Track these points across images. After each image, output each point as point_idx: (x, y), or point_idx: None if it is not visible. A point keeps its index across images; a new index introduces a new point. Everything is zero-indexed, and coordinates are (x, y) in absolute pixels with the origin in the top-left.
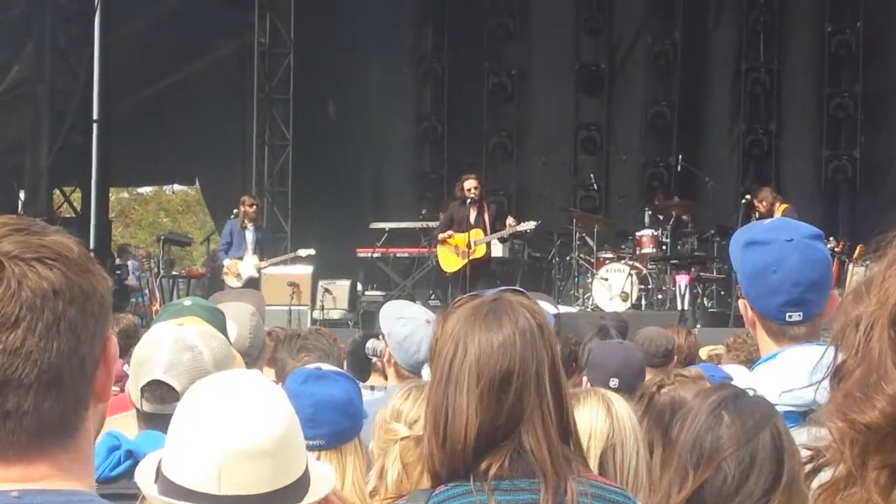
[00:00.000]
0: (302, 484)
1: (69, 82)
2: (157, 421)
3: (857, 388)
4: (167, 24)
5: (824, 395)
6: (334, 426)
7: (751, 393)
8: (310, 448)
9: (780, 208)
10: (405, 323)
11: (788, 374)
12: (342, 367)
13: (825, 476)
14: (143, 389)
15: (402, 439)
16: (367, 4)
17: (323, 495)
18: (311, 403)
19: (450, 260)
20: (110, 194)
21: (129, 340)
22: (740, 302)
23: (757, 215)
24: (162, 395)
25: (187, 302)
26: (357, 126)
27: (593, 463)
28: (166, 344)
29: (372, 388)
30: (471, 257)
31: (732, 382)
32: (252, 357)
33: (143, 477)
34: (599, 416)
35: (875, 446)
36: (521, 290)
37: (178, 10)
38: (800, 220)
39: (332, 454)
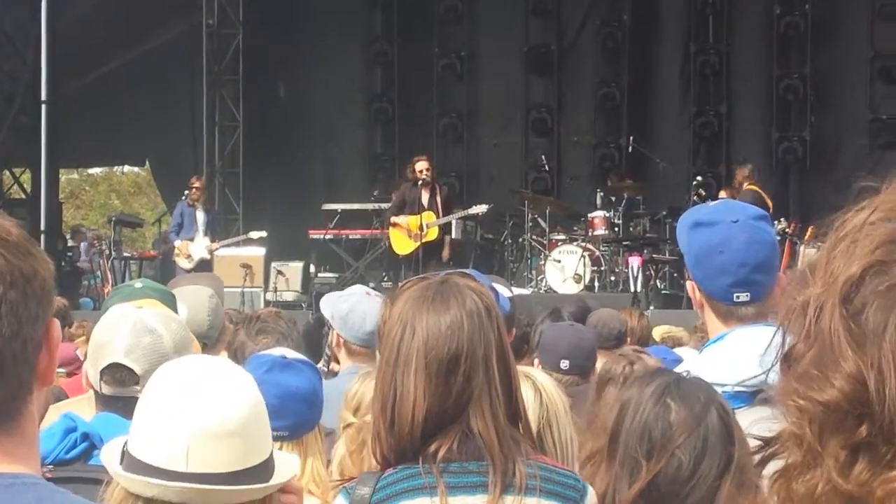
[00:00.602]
0: (268, 466)
1: (16, 65)
2: (115, 403)
3: (812, 368)
4: (115, 6)
5: (775, 377)
6: (298, 417)
7: (686, 375)
8: (274, 439)
9: (745, 188)
10: (346, 300)
11: (737, 354)
12: (301, 350)
13: (776, 465)
14: (102, 372)
15: (345, 426)
16: None
17: (288, 478)
18: (276, 395)
19: (402, 242)
20: (60, 175)
21: (61, 322)
22: (688, 283)
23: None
24: (122, 377)
25: (138, 284)
26: (307, 107)
27: None
28: (126, 327)
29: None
30: (423, 240)
31: (684, 364)
32: (212, 339)
33: (108, 456)
34: (528, 396)
35: (834, 426)
36: (468, 271)
37: None
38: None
39: (294, 444)
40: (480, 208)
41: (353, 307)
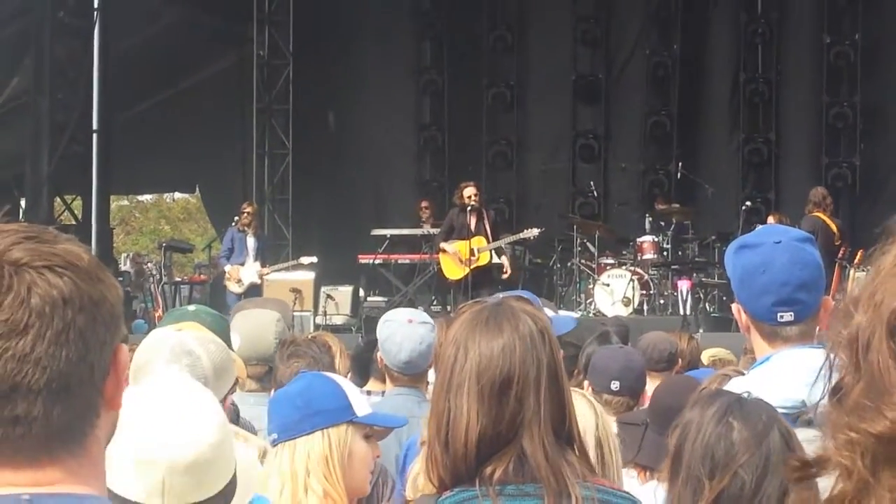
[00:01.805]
0: (232, 486)
1: (69, 94)
2: None
3: (863, 399)
4: (166, 38)
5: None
6: (283, 419)
7: (747, 396)
8: (273, 443)
9: (808, 214)
10: (388, 325)
11: (782, 376)
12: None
13: (824, 485)
14: None
15: (422, 443)
16: (366, 17)
17: (254, 491)
18: (270, 401)
19: (452, 268)
20: (111, 202)
21: None
22: (734, 306)
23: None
24: None
25: (191, 308)
26: (357, 136)
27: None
28: (164, 348)
29: (368, 392)
30: (473, 265)
31: (740, 385)
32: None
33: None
34: (583, 407)
35: (887, 457)
36: (523, 295)
37: (176, 23)
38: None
39: (286, 448)
40: (532, 232)
41: (391, 335)
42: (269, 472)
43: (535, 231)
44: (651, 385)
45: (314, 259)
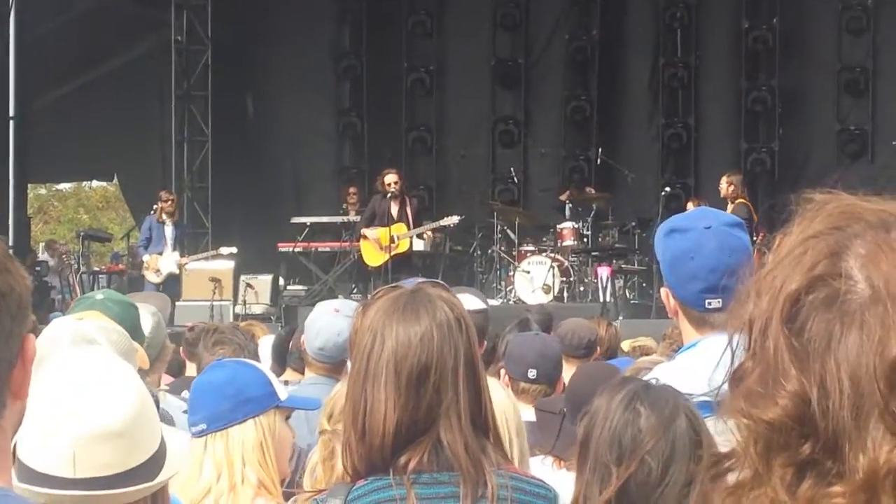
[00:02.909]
0: (155, 461)
1: None
2: None
3: (757, 386)
4: (83, 23)
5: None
6: (212, 408)
7: (655, 382)
8: (198, 434)
9: (734, 204)
10: (315, 311)
11: (707, 362)
12: (257, 361)
13: (731, 479)
14: None
15: (320, 433)
16: (285, 1)
17: (176, 471)
18: (192, 391)
19: (372, 254)
20: (28, 191)
21: None
22: (662, 290)
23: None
24: None
25: (99, 295)
26: (276, 122)
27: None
28: (65, 337)
29: (286, 382)
30: (393, 252)
31: (653, 373)
32: (151, 356)
33: None
34: (502, 397)
35: (779, 444)
36: (440, 282)
37: (93, 8)
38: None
39: (218, 437)
40: (452, 220)
41: (313, 320)
42: (194, 463)
43: (455, 219)
44: (569, 372)
45: (234, 250)
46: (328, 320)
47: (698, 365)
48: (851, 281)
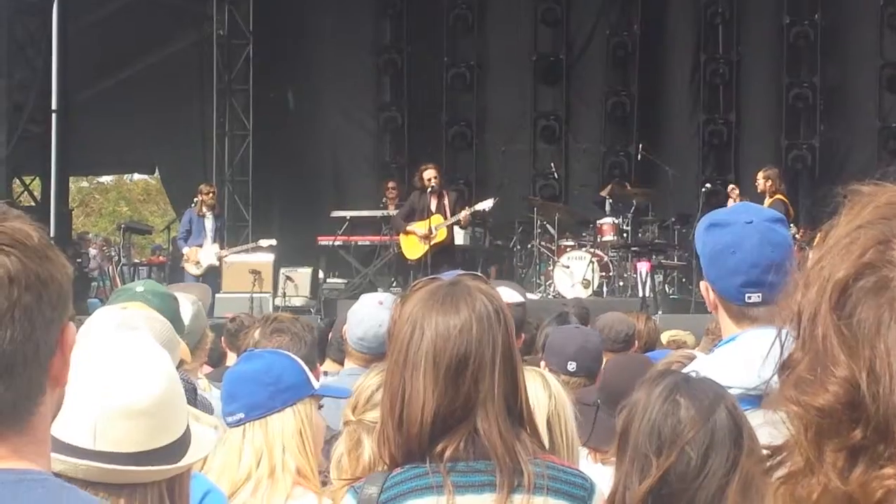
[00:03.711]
0: (179, 446)
1: (27, 74)
2: None
3: (807, 374)
4: (125, 16)
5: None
6: (250, 397)
7: (694, 375)
8: (235, 423)
9: (771, 199)
10: (360, 301)
11: (747, 356)
12: (313, 354)
13: (782, 471)
14: None
15: (345, 423)
16: None
17: (198, 458)
18: (229, 381)
19: (412, 247)
20: (70, 183)
21: None
22: (702, 284)
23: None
24: None
25: (139, 287)
26: (317, 116)
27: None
28: (109, 326)
29: (325, 373)
30: (432, 241)
31: (692, 365)
32: (190, 344)
33: None
34: (538, 388)
35: (830, 430)
36: (479, 274)
37: (135, 1)
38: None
39: (257, 426)
40: (486, 203)
41: (356, 310)
42: (232, 451)
43: (490, 202)
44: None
45: (273, 242)
46: (371, 311)
47: (737, 358)
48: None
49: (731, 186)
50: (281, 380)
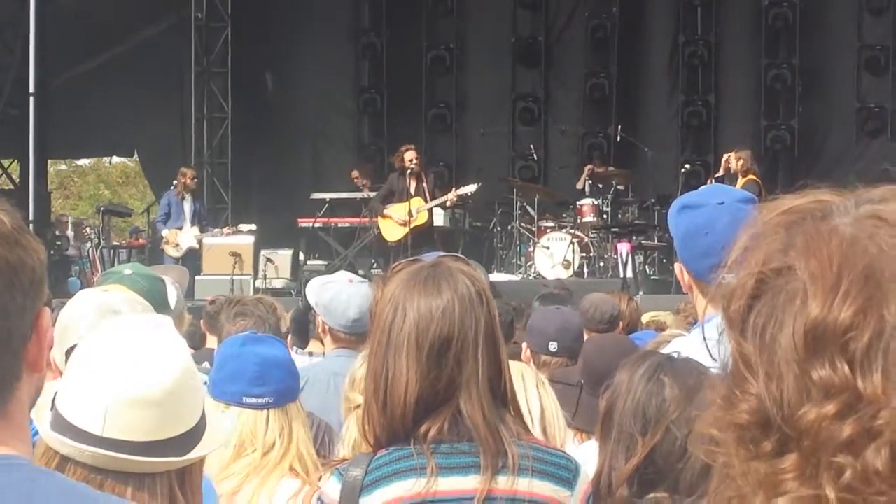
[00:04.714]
0: (189, 437)
1: (4, 57)
2: None
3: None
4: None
5: None
6: (281, 384)
7: (676, 355)
8: (260, 406)
9: (745, 179)
10: (329, 287)
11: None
12: (279, 336)
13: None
14: (67, 353)
15: (356, 407)
16: None
17: (211, 450)
18: (256, 362)
19: (392, 230)
20: (49, 166)
21: None
22: (676, 265)
23: (724, 171)
24: None
25: (127, 270)
26: (296, 98)
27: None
28: (90, 309)
29: (310, 353)
30: (412, 224)
31: (672, 346)
32: None
33: (40, 410)
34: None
35: (746, 443)
36: (461, 256)
37: None
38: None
39: (280, 413)
40: (470, 188)
41: (335, 295)
42: (256, 433)
43: (473, 187)
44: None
45: (253, 227)
46: (352, 291)
47: (717, 338)
48: (792, 272)
49: (710, 180)
50: (297, 372)
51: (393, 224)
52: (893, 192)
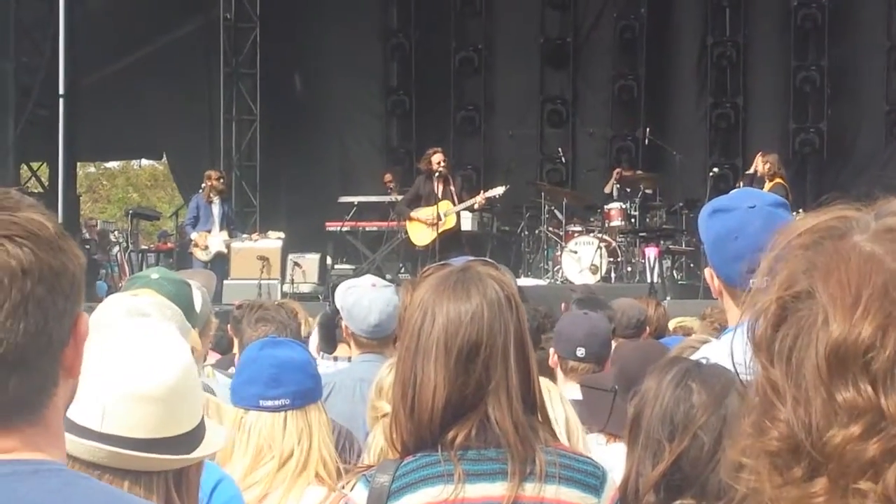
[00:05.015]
0: (189, 438)
1: (34, 59)
2: None
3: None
4: (132, 1)
5: None
6: (298, 385)
7: (704, 362)
8: (276, 408)
9: (772, 182)
10: (352, 292)
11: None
12: (299, 341)
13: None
14: None
15: (383, 416)
16: None
17: (209, 453)
18: (272, 364)
19: (420, 233)
20: (78, 169)
21: None
22: (706, 270)
23: (754, 172)
24: None
25: (154, 275)
26: (324, 100)
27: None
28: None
29: (335, 358)
30: (441, 229)
31: (700, 352)
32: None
33: None
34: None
35: (778, 468)
36: (490, 260)
37: None
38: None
39: (298, 414)
40: (497, 190)
41: (357, 299)
42: (274, 436)
43: (501, 189)
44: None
45: (281, 234)
46: (373, 296)
47: (743, 345)
48: (813, 295)
49: (740, 182)
50: (317, 372)
51: (421, 228)
52: None
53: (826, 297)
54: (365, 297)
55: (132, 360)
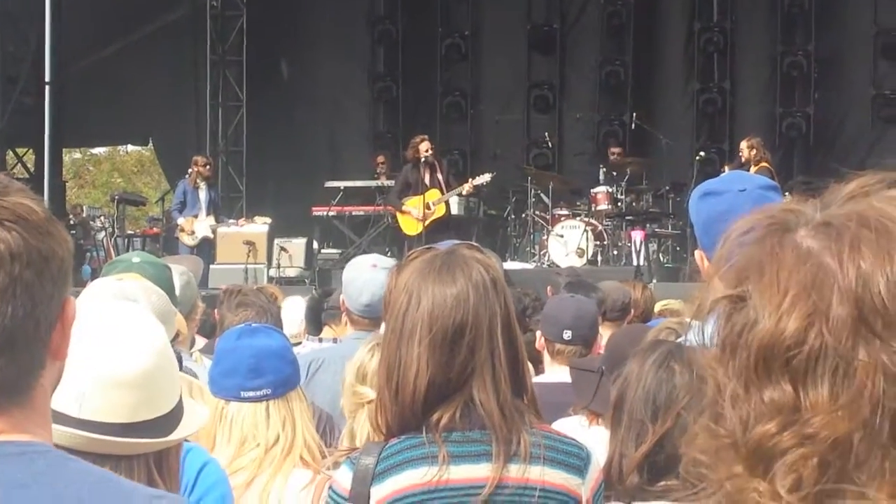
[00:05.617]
0: (168, 421)
1: (20, 46)
2: None
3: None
4: None
5: None
6: (277, 374)
7: (686, 343)
8: (258, 398)
9: (757, 166)
10: (352, 268)
11: None
12: (279, 325)
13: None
14: None
15: (368, 402)
16: None
17: (188, 434)
18: (250, 354)
19: (411, 224)
20: (64, 155)
21: None
22: (697, 253)
23: (740, 159)
24: None
25: (135, 259)
26: (311, 86)
27: None
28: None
29: (320, 339)
30: (431, 218)
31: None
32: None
33: None
34: None
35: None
36: (475, 244)
37: None
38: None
39: (280, 403)
40: (484, 178)
41: (354, 277)
42: (258, 425)
43: (487, 176)
44: (604, 334)
45: (268, 220)
46: (369, 276)
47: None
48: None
49: (726, 166)
50: (295, 358)
51: (412, 220)
52: (858, 188)
53: (757, 295)
54: (361, 276)
55: (106, 345)
